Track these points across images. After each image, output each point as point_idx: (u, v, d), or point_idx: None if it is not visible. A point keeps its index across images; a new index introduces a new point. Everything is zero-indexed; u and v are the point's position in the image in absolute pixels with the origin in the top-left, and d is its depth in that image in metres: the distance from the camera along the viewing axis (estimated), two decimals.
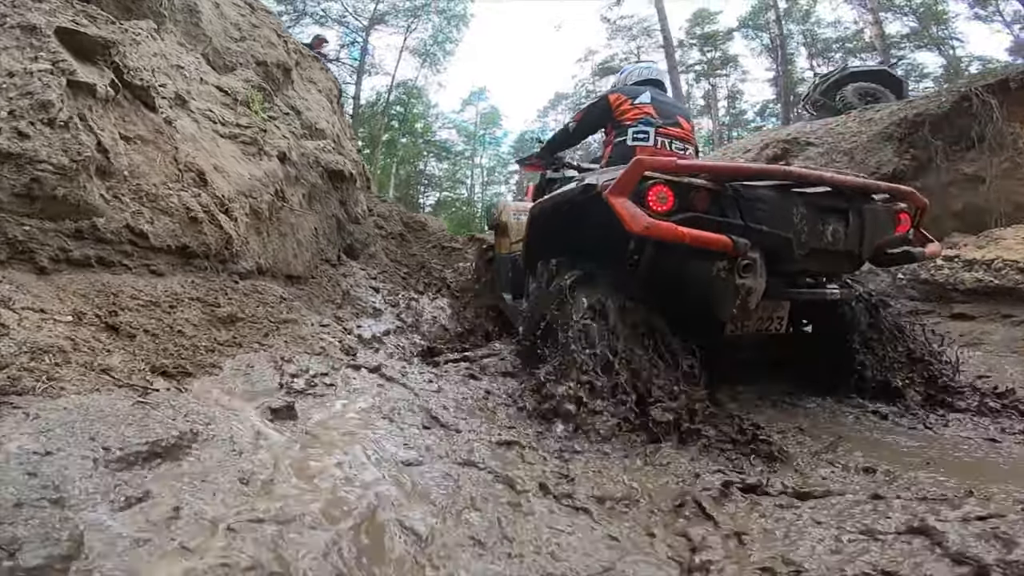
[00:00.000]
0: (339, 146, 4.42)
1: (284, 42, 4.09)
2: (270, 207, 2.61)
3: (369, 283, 3.92)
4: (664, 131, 2.68)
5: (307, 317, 2.15)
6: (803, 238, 1.85)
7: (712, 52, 24.19)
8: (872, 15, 14.25)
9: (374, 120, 22.34)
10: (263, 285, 2.14)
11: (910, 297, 4.79)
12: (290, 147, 3.18)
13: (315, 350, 1.76)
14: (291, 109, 3.76)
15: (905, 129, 5.45)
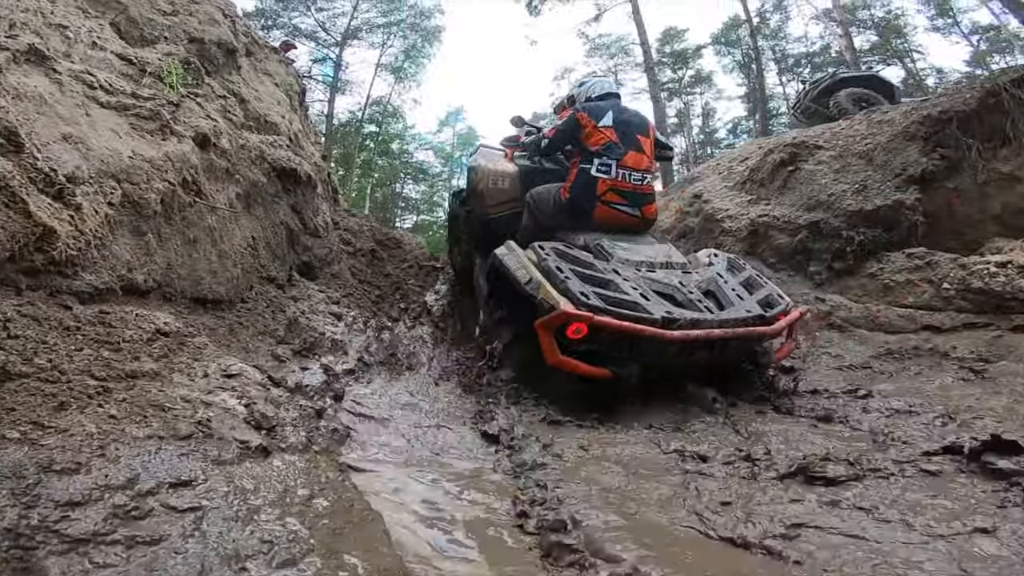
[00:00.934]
0: (296, 145, 3.60)
1: (232, 23, 3.29)
2: (167, 200, 1.77)
3: (328, 308, 3.06)
4: (623, 163, 2.99)
5: (202, 363, 1.31)
6: (680, 361, 2.31)
7: (683, 70, 24.10)
8: (842, 28, 14.17)
9: (348, 139, 21.45)
10: (128, 312, 1.29)
11: (959, 309, 4.11)
12: (218, 131, 2.35)
13: (176, 431, 0.91)
14: (232, 94, 2.94)
15: (930, 127, 4.86)
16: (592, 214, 2.97)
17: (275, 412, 1.20)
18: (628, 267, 2.62)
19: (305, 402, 1.50)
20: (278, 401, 1.30)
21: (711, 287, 2.62)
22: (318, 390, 1.82)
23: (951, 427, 1.98)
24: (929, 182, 4.76)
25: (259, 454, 1.03)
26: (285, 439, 1.17)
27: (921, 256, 4.48)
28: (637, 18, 13.44)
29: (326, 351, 2.53)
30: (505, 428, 1.90)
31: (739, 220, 5.86)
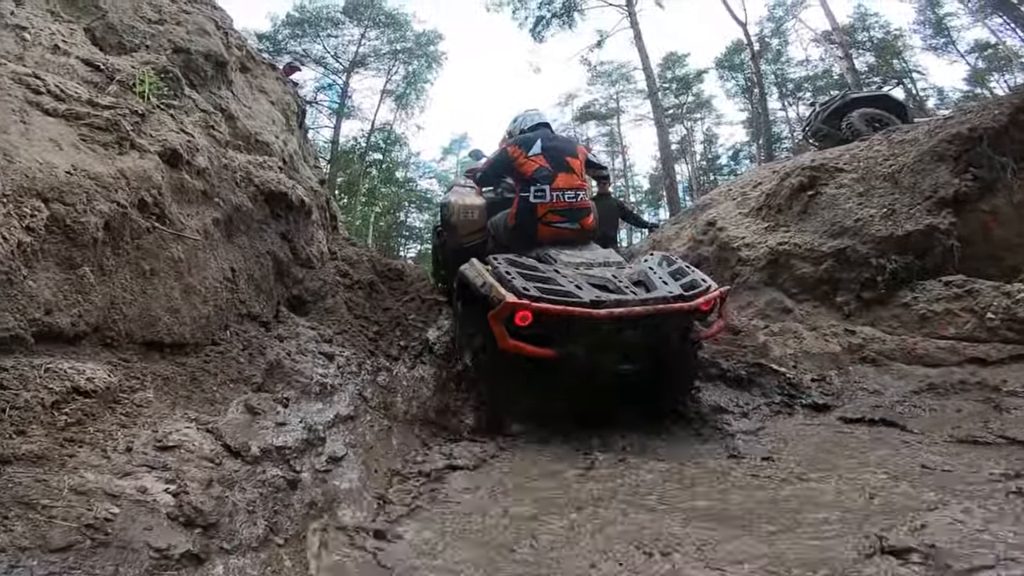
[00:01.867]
0: (290, 167, 3.35)
1: (225, 35, 3.08)
2: (115, 226, 1.47)
3: (319, 348, 2.72)
4: (556, 185, 3.31)
5: (131, 431, 0.99)
6: (611, 343, 2.69)
7: (685, 95, 24.33)
8: (842, 50, 14.23)
9: (352, 166, 21.54)
10: (35, 368, 0.96)
11: (1005, 340, 3.77)
12: (193, 147, 2.07)
13: (47, 541, 0.57)
14: (218, 109, 2.70)
15: (959, 146, 4.62)
16: (536, 235, 3.34)
17: (221, 498, 0.88)
18: (568, 267, 3.03)
19: (274, 472, 1.17)
20: (231, 480, 0.98)
21: (641, 277, 2.98)
22: (297, 452, 1.49)
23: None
24: (962, 204, 4.47)
25: (186, 563, 0.71)
26: (233, 535, 0.85)
27: (960, 284, 4.17)
28: (639, 43, 13.53)
29: (313, 397, 2.20)
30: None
31: (757, 248, 5.57)
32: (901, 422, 3.19)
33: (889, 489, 1.75)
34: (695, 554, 1.17)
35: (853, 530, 1.31)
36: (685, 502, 1.68)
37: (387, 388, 2.81)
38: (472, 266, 3.03)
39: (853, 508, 1.55)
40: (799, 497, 1.74)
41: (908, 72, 19.77)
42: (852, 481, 1.91)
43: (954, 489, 1.66)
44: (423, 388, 3.10)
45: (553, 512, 1.59)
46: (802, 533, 1.34)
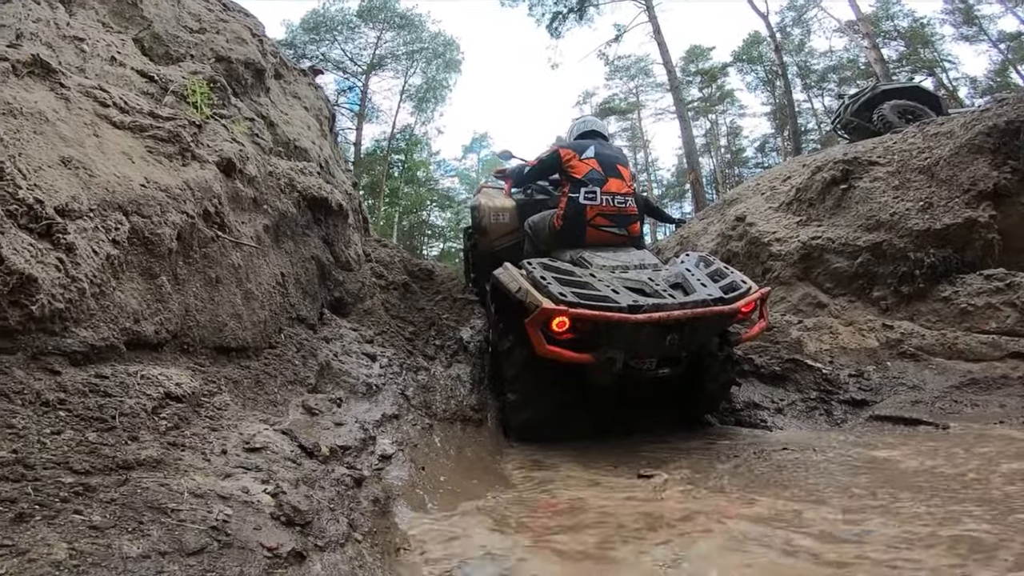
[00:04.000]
0: (327, 172, 3.43)
1: (260, 42, 3.16)
2: (185, 236, 1.54)
3: (362, 348, 2.80)
4: (607, 189, 3.32)
5: (220, 434, 1.04)
6: (650, 348, 2.70)
7: (708, 88, 23.95)
8: (868, 40, 13.79)
9: (375, 167, 21.82)
10: (132, 375, 1.03)
11: None
12: (244, 156, 2.15)
13: (183, 545, 0.61)
14: (260, 116, 2.78)
15: (998, 139, 4.47)
16: (583, 237, 3.31)
17: (309, 497, 0.92)
18: (604, 271, 2.98)
19: (342, 471, 1.22)
20: (312, 479, 1.02)
21: (679, 280, 2.92)
22: (355, 450, 1.54)
23: None
24: (1002, 197, 4.33)
25: (292, 561, 0.75)
26: (323, 533, 0.89)
27: (1001, 278, 4.04)
28: (659, 38, 13.33)
29: (361, 396, 2.26)
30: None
31: (788, 244, 5.47)
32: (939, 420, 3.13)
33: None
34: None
35: None
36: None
37: (426, 387, 2.86)
38: (506, 271, 2.99)
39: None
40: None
41: (939, 61, 19.06)
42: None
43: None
44: (459, 387, 3.15)
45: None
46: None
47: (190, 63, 2.33)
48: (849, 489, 1.78)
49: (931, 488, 1.67)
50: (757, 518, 1.44)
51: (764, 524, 1.37)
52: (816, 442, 2.73)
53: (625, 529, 1.35)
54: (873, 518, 1.41)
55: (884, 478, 1.90)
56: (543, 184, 4.33)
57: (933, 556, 1.09)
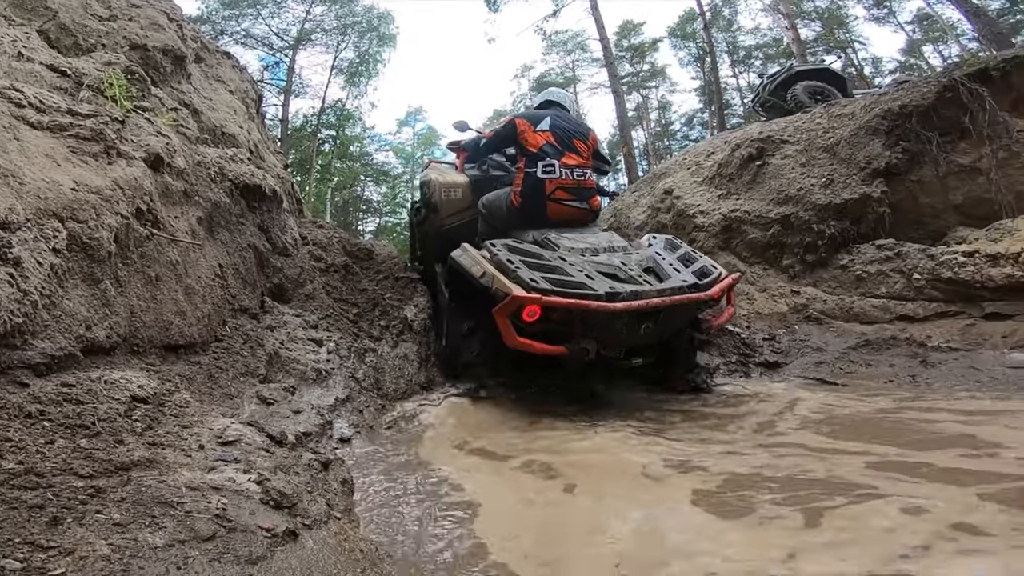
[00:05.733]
0: (257, 157, 3.35)
1: (179, 27, 3.00)
2: (121, 237, 1.55)
3: (308, 334, 2.85)
4: (564, 162, 3.20)
5: (192, 430, 1.12)
6: (625, 336, 2.58)
7: (640, 64, 24.68)
8: (788, 20, 14.70)
9: (304, 143, 20.86)
10: (95, 380, 1.09)
11: (930, 298, 4.28)
12: (171, 149, 2.11)
13: (197, 533, 0.71)
14: (183, 105, 2.68)
15: (891, 121, 5.04)
16: (544, 213, 3.19)
17: (289, 482, 1.04)
18: (573, 254, 2.84)
19: (310, 456, 1.34)
20: (287, 466, 1.14)
21: (650, 264, 2.85)
22: (316, 436, 1.66)
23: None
24: (893, 175, 4.93)
25: (288, 539, 0.88)
26: (307, 513, 1.02)
27: (891, 247, 4.64)
28: (596, 14, 13.50)
29: (312, 383, 2.35)
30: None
31: (711, 216, 5.93)
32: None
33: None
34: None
35: None
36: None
37: (376, 368, 2.97)
38: (466, 253, 2.84)
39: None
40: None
41: (850, 42, 20.53)
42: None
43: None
44: (408, 366, 3.28)
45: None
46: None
47: (102, 53, 2.21)
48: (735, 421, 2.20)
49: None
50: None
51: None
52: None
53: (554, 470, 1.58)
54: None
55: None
56: (499, 159, 4.19)
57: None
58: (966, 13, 11.06)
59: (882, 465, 1.60)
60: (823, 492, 1.36)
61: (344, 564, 0.90)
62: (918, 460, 1.63)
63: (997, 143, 4.62)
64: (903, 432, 2.00)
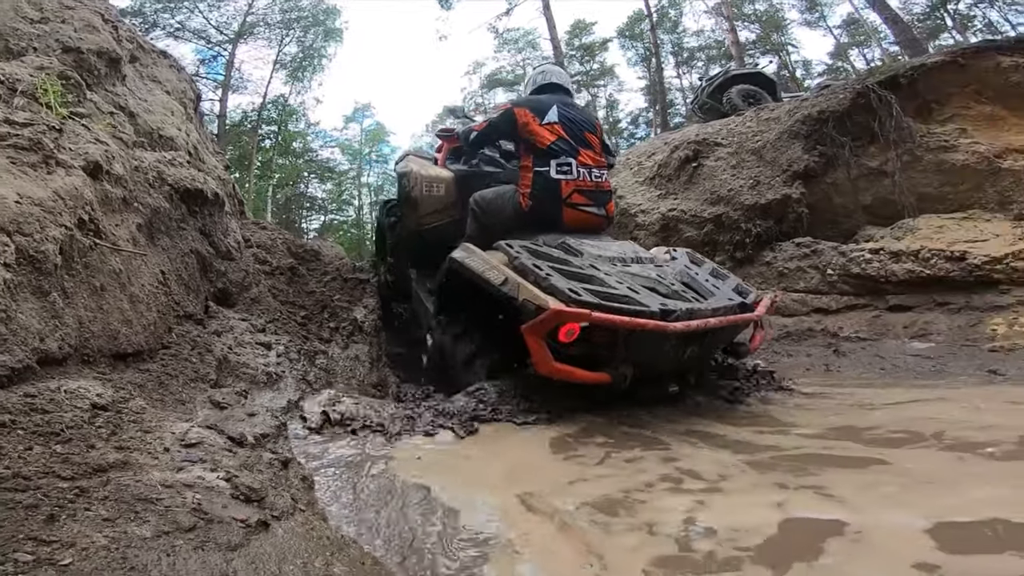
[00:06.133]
0: (196, 159, 3.32)
1: (114, 29, 2.93)
2: (66, 249, 1.58)
3: (255, 338, 2.88)
4: (582, 160, 2.84)
5: (154, 434, 1.20)
6: (671, 360, 2.27)
7: (590, 63, 25.41)
8: (729, 23, 15.55)
9: (243, 139, 20.12)
10: (55, 390, 1.15)
11: (842, 292, 4.79)
12: (110, 156, 2.11)
13: (179, 524, 0.82)
14: (119, 108, 2.64)
15: (811, 126, 5.55)
16: (560, 219, 2.80)
17: (255, 478, 1.15)
18: (604, 262, 2.48)
19: (269, 456, 1.44)
20: (250, 464, 1.24)
21: (686, 279, 2.58)
22: (273, 437, 1.74)
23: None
24: (811, 177, 5.44)
25: (261, 529, 1.00)
26: (275, 506, 1.13)
27: (808, 245, 5.14)
28: (547, 14, 13.78)
29: (263, 387, 2.41)
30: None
31: (651, 215, 6.29)
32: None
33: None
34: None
35: None
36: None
37: (326, 370, 3.05)
38: (472, 254, 2.44)
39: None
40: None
41: (784, 46, 21.87)
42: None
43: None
44: (359, 367, 3.37)
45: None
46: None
47: (34, 57, 2.16)
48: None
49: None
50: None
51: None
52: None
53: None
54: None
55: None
56: (490, 153, 3.82)
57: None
58: (886, 19, 12.03)
59: (692, 433, 1.98)
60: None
61: (314, 549, 1.03)
62: (722, 432, 2.00)
63: (902, 147, 5.18)
64: (740, 415, 2.32)
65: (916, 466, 1.52)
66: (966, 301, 3.92)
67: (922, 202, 4.93)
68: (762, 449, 1.77)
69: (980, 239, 4.21)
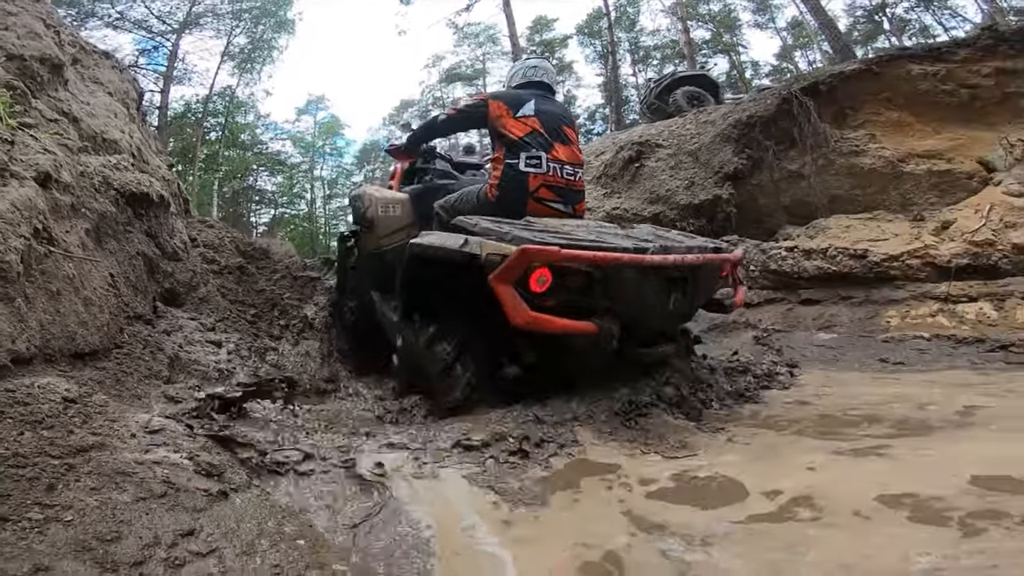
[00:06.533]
0: (140, 161, 3.39)
1: (56, 34, 2.97)
2: (26, 257, 1.73)
3: (205, 337, 3.03)
4: (554, 155, 2.78)
5: (120, 423, 1.39)
6: (655, 308, 2.21)
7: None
8: (682, 23, 16.20)
9: (186, 132, 19.46)
10: (30, 385, 1.32)
11: (762, 287, 5.29)
12: (59, 165, 2.23)
13: (153, 492, 1.03)
14: (62, 114, 2.71)
15: (740, 130, 6.04)
16: (523, 213, 2.69)
17: (213, 458, 1.37)
18: (568, 226, 2.41)
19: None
20: (208, 447, 1.45)
21: (651, 237, 2.49)
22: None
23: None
24: (739, 179, 5.93)
25: (221, 497, 1.22)
26: (232, 480, 1.36)
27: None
28: (507, 10, 13.99)
29: (215, 383, 2.57)
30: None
31: (597, 213, 6.67)
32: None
33: None
34: None
35: None
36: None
37: (277, 366, 3.22)
38: (430, 235, 2.46)
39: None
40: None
41: (733, 46, 22.84)
42: None
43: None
44: (310, 363, 3.55)
45: None
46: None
47: None
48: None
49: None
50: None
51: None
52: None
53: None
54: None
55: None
56: (443, 166, 3.82)
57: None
58: (820, 24, 12.83)
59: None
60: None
61: (267, 514, 1.27)
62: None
63: (818, 151, 5.72)
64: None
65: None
66: (866, 295, 4.45)
67: (834, 203, 5.48)
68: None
69: (881, 238, 4.76)
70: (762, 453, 1.73)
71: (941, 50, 5.68)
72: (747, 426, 2.10)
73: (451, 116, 3.10)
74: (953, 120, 5.64)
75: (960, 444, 1.73)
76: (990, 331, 3.69)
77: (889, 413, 2.13)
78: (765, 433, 1.99)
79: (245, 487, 1.34)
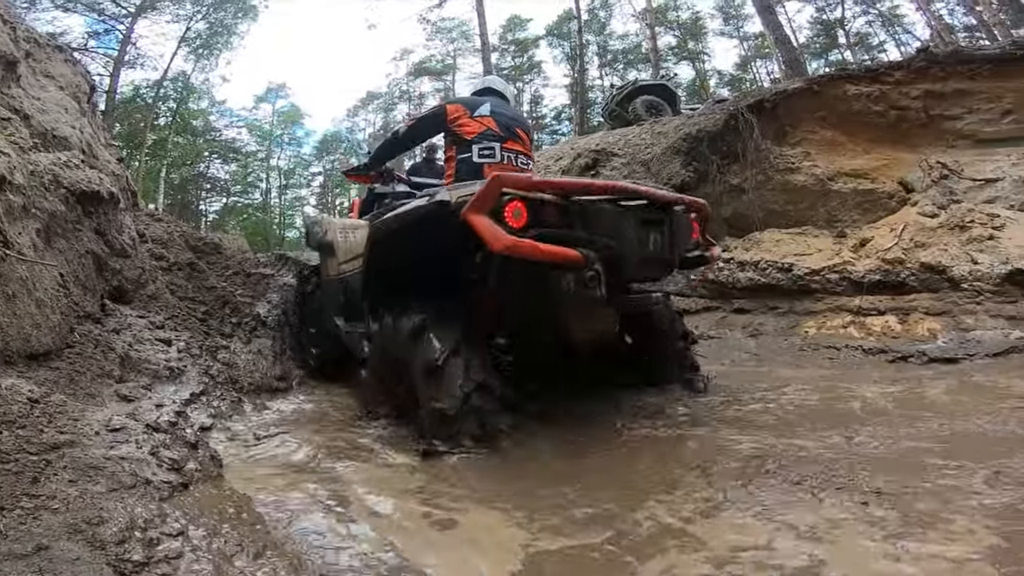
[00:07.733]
0: (91, 157, 3.43)
1: (12, 29, 3.00)
2: None
3: (155, 335, 3.13)
4: (507, 146, 2.89)
5: (82, 422, 1.54)
6: (636, 247, 2.24)
7: (520, 58, 26.29)
8: (650, 30, 16.74)
9: (133, 117, 18.75)
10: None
11: (701, 295, 5.72)
12: (11, 167, 2.31)
13: (123, 483, 1.22)
14: (14, 112, 2.76)
15: (689, 144, 6.46)
16: None
17: (173, 454, 1.55)
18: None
19: (180, 438, 1.82)
20: (166, 444, 1.62)
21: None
22: (181, 425, 2.09)
23: None
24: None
25: (182, 488, 1.41)
26: (191, 473, 1.55)
27: None
28: (480, 8, 14.17)
29: (166, 381, 2.70)
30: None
31: None
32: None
33: None
34: None
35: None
36: None
37: (229, 364, 3.34)
38: (390, 210, 2.57)
39: None
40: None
41: (697, 54, 23.72)
42: None
43: None
44: (262, 361, 3.68)
45: None
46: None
47: None
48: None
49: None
50: None
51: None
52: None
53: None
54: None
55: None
56: (402, 188, 3.82)
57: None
58: (776, 39, 13.52)
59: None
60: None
61: (223, 503, 1.47)
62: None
63: (758, 167, 6.18)
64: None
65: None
66: (789, 306, 4.92)
67: (769, 217, 5.96)
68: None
69: (807, 252, 5.25)
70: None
71: (878, 71, 6.18)
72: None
73: (411, 126, 3.20)
74: (882, 141, 6.19)
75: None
76: (893, 343, 4.18)
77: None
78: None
79: (202, 480, 1.53)
